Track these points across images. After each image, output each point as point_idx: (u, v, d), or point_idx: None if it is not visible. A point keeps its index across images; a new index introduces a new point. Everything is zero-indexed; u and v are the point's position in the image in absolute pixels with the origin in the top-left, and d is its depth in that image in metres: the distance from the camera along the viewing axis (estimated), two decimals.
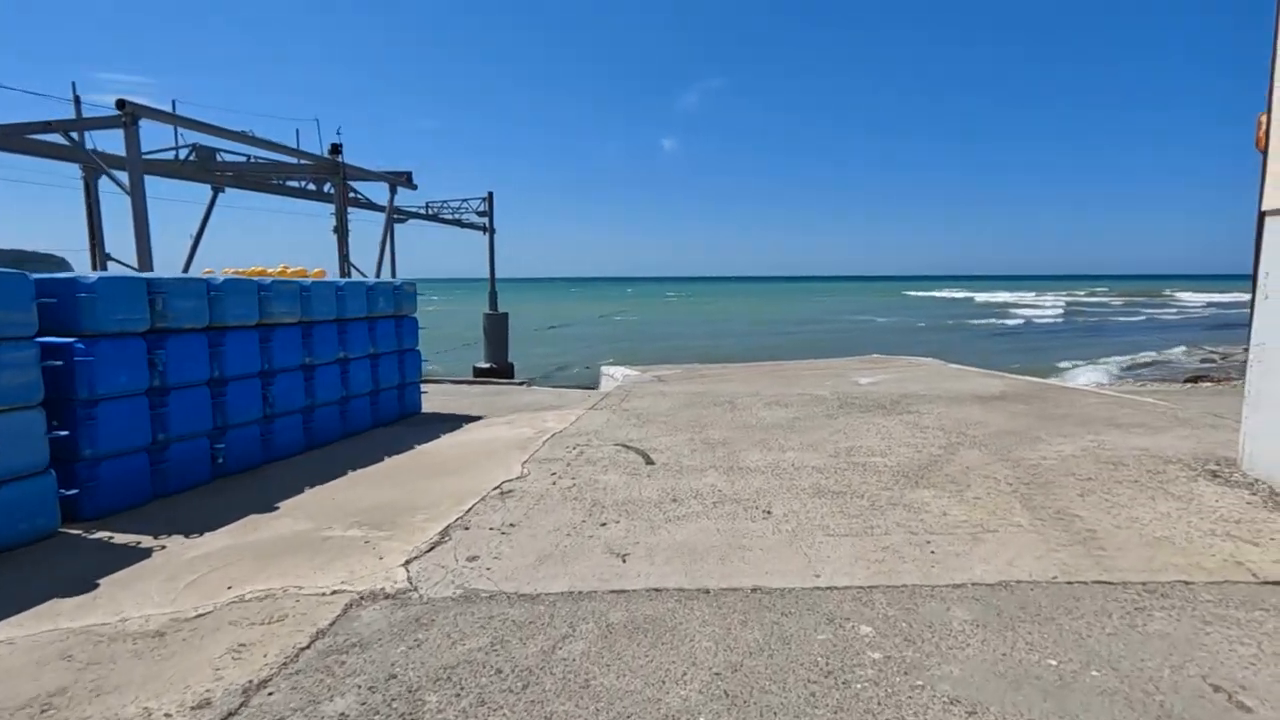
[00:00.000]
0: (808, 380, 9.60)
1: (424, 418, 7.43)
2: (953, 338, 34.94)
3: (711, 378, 10.05)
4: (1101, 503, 4.29)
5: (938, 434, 6.24)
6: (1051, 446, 5.74)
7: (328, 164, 16.25)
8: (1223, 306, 61.54)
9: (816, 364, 11.79)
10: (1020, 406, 7.48)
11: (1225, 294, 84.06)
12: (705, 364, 13.88)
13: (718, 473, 5.08)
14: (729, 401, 8.02)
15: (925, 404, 7.69)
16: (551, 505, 4.32)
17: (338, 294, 6.19)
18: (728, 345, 34.86)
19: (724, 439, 6.16)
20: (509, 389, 9.36)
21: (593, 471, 5.12)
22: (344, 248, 16.71)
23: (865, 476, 4.93)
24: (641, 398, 8.41)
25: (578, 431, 6.56)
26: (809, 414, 7.21)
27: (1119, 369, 22.90)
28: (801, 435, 6.26)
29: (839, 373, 10.26)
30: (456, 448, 5.98)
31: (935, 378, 9.62)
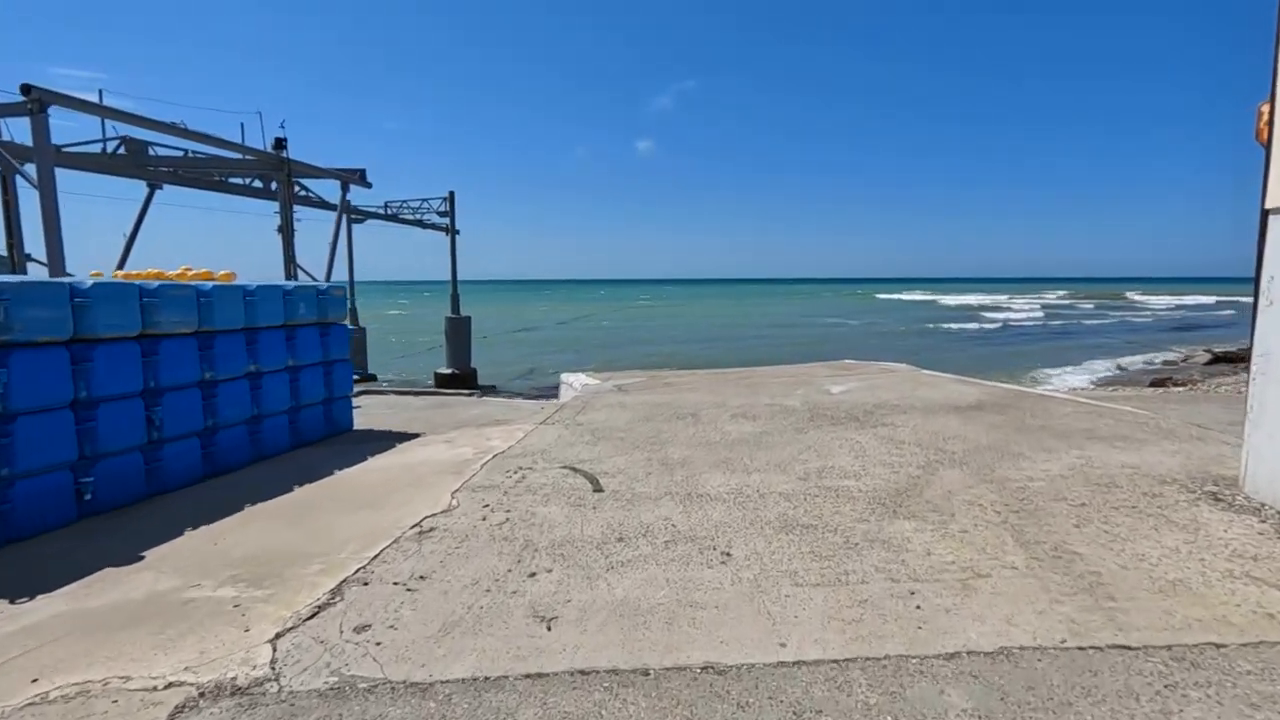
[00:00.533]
0: (777, 388, 9.09)
1: (355, 436, 6.71)
2: (923, 342, 35.06)
3: (676, 386, 9.48)
4: (1100, 535, 3.81)
5: (915, 450, 5.75)
6: (1036, 464, 5.29)
7: (271, 159, 15.30)
8: (1190, 309, 63.30)
9: (786, 370, 11.32)
10: (997, 417, 7.06)
11: (1187, 296, 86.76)
12: (672, 370, 13.32)
13: (674, 502, 4.49)
14: (692, 414, 7.45)
15: (900, 415, 7.22)
16: (476, 548, 3.68)
17: (247, 299, 5.45)
18: (696, 350, 34.45)
19: (684, 458, 5.58)
20: (456, 401, 8.67)
21: (531, 502, 4.48)
22: (290, 248, 15.80)
23: (838, 505, 4.39)
24: (599, 410, 7.79)
25: (523, 451, 5.92)
26: (778, 428, 6.68)
27: (1091, 372, 22.97)
28: (769, 453, 5.71)
29: (809, 380, 9.78)
30: (382, 473, 5.29)
31: (909, 385, 9.20)
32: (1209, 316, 54.37)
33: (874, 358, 14.87)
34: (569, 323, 55.87)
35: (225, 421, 5.23)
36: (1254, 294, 4.49)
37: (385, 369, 32.04)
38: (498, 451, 5.92)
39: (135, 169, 14.81)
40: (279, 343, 5.81)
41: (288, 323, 5.96)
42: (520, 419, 7.52)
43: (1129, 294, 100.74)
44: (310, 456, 5.81)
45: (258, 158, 15.14)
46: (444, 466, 5.44)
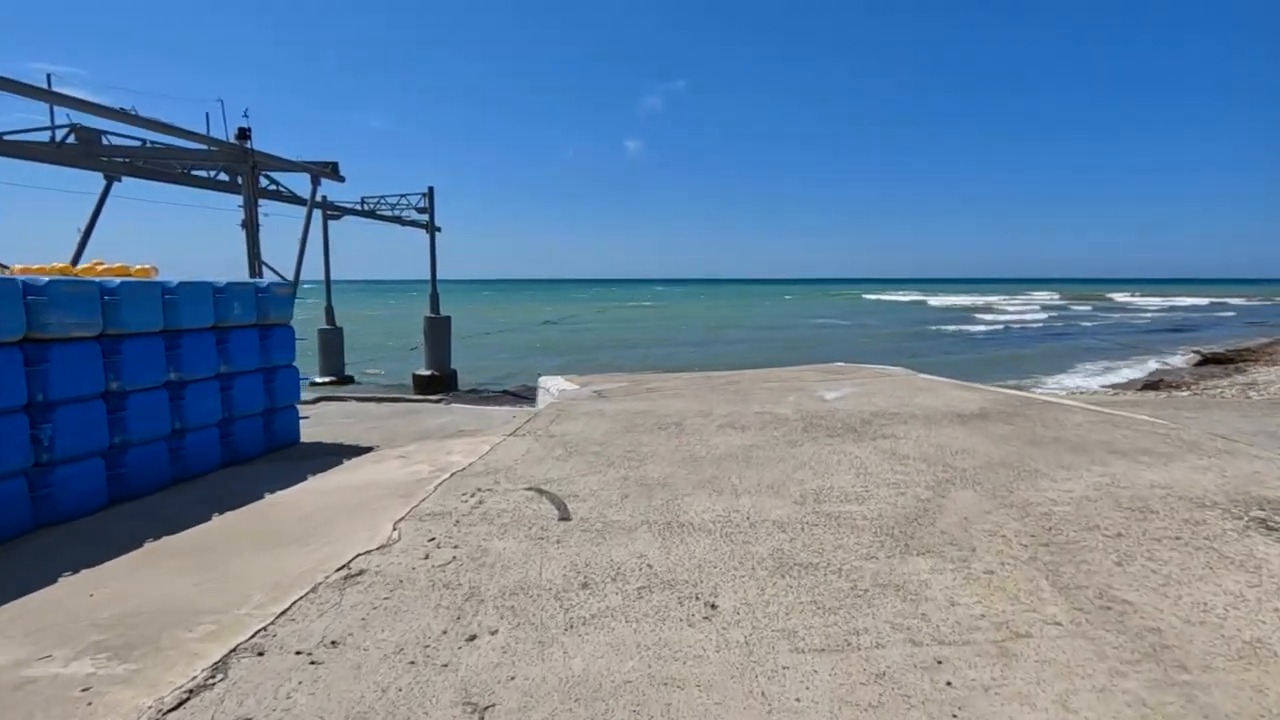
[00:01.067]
0: (767, 395, 8.51)
1: (301, 451, 6.04)
2: (915, 344, 34.72)
3: (659, 392, 8.87)
4: (1148, 576, 3.24)
5: (920, 466, 5.18)
6: (1057, 483, 4.74)
7: (234, 150, 14.48)
8: (1178, 311, 63.70)
9: (776, 374, 10.75)
10: (1004, 427, 6.52)
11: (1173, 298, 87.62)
12: (656, 373, 12.71)
13: (651, 533, 3.88)
14: (676, 424, 6.85)
15: (900, 425, 6.66)
16: (409, 599, 3.05)
17: (166, 298, 4.77)
18: (682, 352, 33.91)
19: (665, 478, 4.97)
20: (423, 408, 8.01)
21: (486, 534, 3.85)
22: (254, 245, 14.99)
23: (841, 536, 3.80)
24: (574, 419, 7.16)
25: (486, 469, 5.28)
26: (769, 440, 6.09)
27: (1084, 375, 22.66)
28: (760, 471, 5.11)
29: (801, 385, 9.21)
30: (320, 497, 4.64)
31: (906, 391, 8.65)
32: (1196, 318, 54.64)
33: (866, 360, 14.37)
34: (555, 323, 55.16)
35: (137, 438, 4.55)
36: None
37: (364, 370, 31.20)
38: (457, 469, 5.27)
39: (88, 159, 13.94)
40: (207, 347, 5.13)
41: (219, 324, 5.28)
42: (489, 429, 6.88)
43: (1113, 295, 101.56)
44: (242, 477, 5.14)
45: (219, 149, 14.33)
46: (393, 488, 4.79)
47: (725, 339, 38.43)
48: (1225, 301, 79.41)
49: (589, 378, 10.75)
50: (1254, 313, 60.70)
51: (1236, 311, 61.33)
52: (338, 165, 17.72)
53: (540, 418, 7.26)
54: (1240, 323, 47.51)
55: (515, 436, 6.43)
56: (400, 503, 4.44)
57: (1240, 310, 64.12)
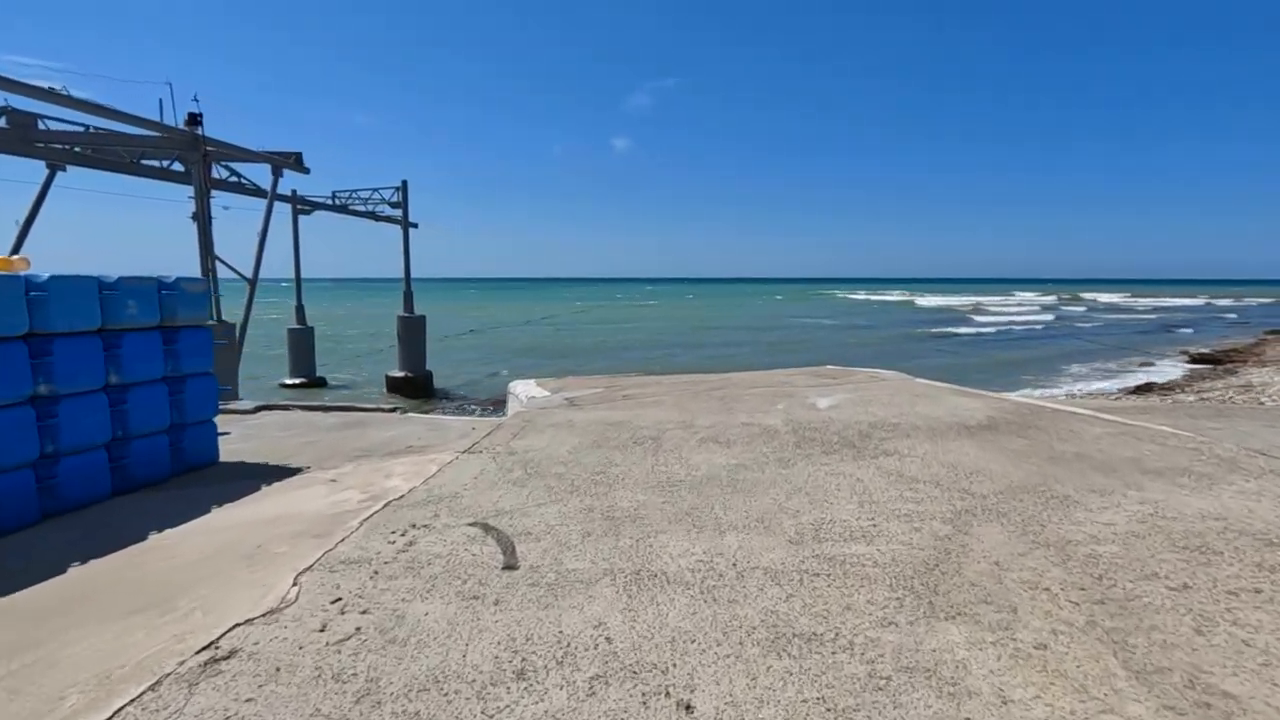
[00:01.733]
0: (754, 402, 7.80)
1: (216, 473, 5.20)
2: (906, 345, 34.24)
3: (637, 399, 8.12)
4: (1242, 651, 2.55)
5: (933, 492, 4.48)
6: (1093, 514, 4.06)
7: (183, 137, 13.47)
8: (1169, 311, 64.11)
9: (764, 378, 10.04)
10: (1018, 441, 5.86)
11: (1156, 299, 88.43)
12: (638, 375, 11.95)
13: (615, 587, 3.13)
14: (653, 438, 6.10)
15: (903, 439, 5.97)
16: (280, 701, 2.27)
17: (32, 296, 3.94)
18: (666, 354, 33.21)
19: (636, 508, 4.22)
20: (372, 419, 7.19)
21: (408, 591, 3.08)
22: (206, 239, 13.98)
23: (849, 591, 3.07)
24: (541, 432, 6.39)
25: (428, 496, 4.50)
26: (757, 458, 5.36)
27: (1077, 377, 22.25)
28: (748, 499, 4.38)
29: (790, 391, 8.51)
30: (213, 538, 3.82)
31: (904, 398, 7.98)
32: (1180, 318, 54.95)
33: (857, 362, 13.73)
34: (538, 322, 54.25)
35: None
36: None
37: (338, 372, 30.11)
38: (394, 496, 4.48)
39: (23, 145, 12.86)
40: (90, 354, 4.29)
41: (108, 327, 4.44)
42: (442, 444, 6.08)
43: (1095, 296, 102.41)
44: (130, 509, 4.30)
45: (168, 135, 13.29)
46: (309, 524, 3.99)
47: (712, 340, 37.78)
48: (1212, 303, 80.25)
49: (564, 381, 9.98)
50: (1234, 312, 61.35)
51: (1216, 311, 61.89)
52: (301, 156, 16.76)
53: (502, 431, 6.48)
54: (1223, 323, 47.79)
55: (470, 454, 5.64)
56: (312, 545, 3.65)
57: (1220, 310, 64.75)
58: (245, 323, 14.42)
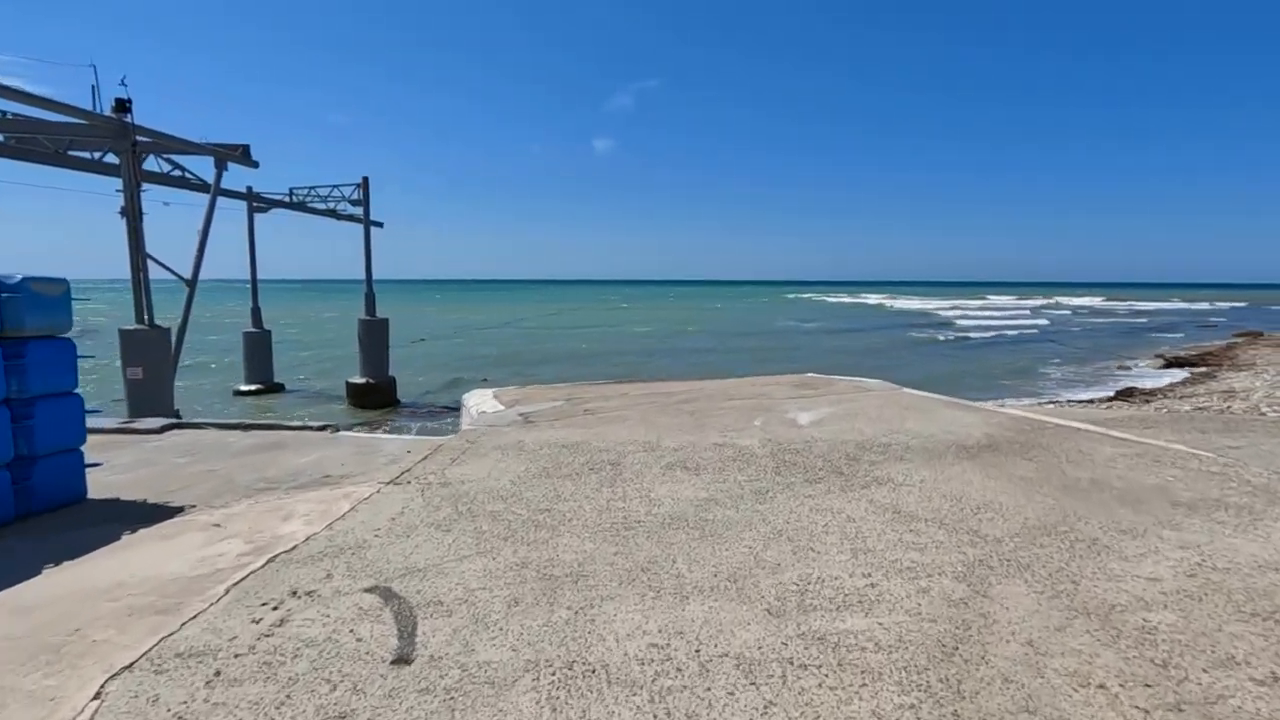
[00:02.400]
0: (729, 417, 7.05)
1: (75, 514, 4.27)
2: (887, 350, 33.89)
3: (600, 414, 7.33)
4: None
5: (937, 534, 3.76)
6: (1130, 563, 3.37)
7: (109, 125, 12.33)
8: (1138, 315, 65.04)
9: (739, 387, 9.31)
10: (1024, 465, 5.18)
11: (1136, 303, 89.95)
12: (606, 383, 11.16)
13: (537, 694, 2.33)
14: (613, 463, 5.31)
15: (895, 462, 5.26)
16: None
17: None
18: (640, 360, 32.47)
19: (580, 562, 3.43)
20: (294, 440, 6.29)
21: (250, 705, 2.25)
22: (136, 236, 12.82)
23: (849, 691, 2.31)
24: (484, 456, 5.57)
25: (327, 547, 3.66)
26: (730, 489, 4.60)
27: (1058, 382, 21.95)
28: (717, 547, 3.61)
29: (768, 404, 7.78)
30: (18, 617, 2.93)
31: (893, 411, 7.30)
32: (1150, 323, 55.70)
33: (838, 369, 13.09)
34: (512, 325, 53.23)
35: None
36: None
37: (300, 377, 28.82)
38: (285, 548, 3.63)
39: None
40: None
41: None
42: (366, 472, 5.22)
43: (1064, 299, 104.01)
44: None
45: (92, 123, 12.09)
46: (157, 593, 3.12)
47: (686, 345, 37.05)
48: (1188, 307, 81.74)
49: (524, 392, 9.16)
50: (1212, 315, 62.50)
51: (1184, 316, 62.94)
52: (249, 149, 15.64)
53: (439, 455, 5.63)
54: (1192, 325, 48.44)
55: (396, 485, 4.80)
56: (149, 627, 2.79)
57: (1187, 314, 65.90)
58: (183, 328, 13.31)
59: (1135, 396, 18.51)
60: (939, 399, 8.32)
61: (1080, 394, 20.37)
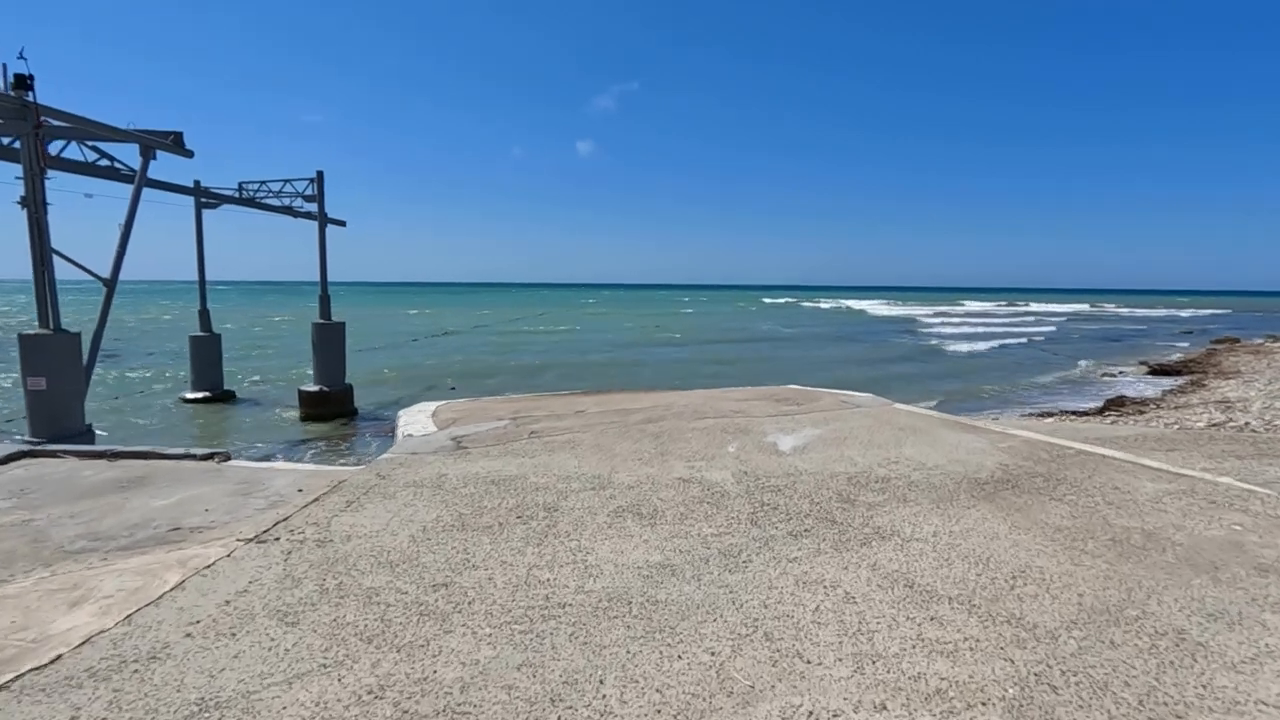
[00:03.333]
0: (698, 441, 6.02)
1: None
2: (873, 358, 33.13)
3: (549, 436, 6.25)
4: None
5: (969, 627, 2.75)
6: (1245, 679, 2.39)
7: (6, 104, 10.95)
8: (1110, 321, 65.39)
9: (715, 402, 8.29)
10: (1057, 508, 4.22)
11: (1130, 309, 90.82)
12: (564, 396, 10.07)
13: None
14: (549, 507, 4.24)
15: (899, 504, 4.26)
16: None
17: None
18: (605, 368, 31.41)
19: (465, 685, 2.35)
20: (164, 473, 5.13)
21: None
22: (38, 230, 11.40)
23: None
24: (390, 497, 4.46)
25: (102, 660, 2.54)
26: (691, 551, 3.55)
27: (1045, 389, 21.29)
28: (666, 653, 2.56)
29: (746, 424, 6.76)
30: None
31: (887, 433, 6.32)
32: (1127, 329, 56.00)
33: (820, 379, 12.14)
34: (488, 327, 51.97)
35: None
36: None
37: (253, 381, 27.26)
38: (41, 661, 2.51)
39: None
40: None
41: None
42: (234, 520, 4.09)
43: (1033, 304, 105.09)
44: None
45: None
46: None
47: (659, 354, 35.99)
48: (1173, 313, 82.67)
49: (471, 406, 8.05)
50: (1174, 322, 63.17)
51: (1153, 323, 63.50)
52: (181, 136, 14.28)
53: (334, 496, 4.51)
54: (1167, 332, 48.68)
55: (259, 544, 3.68)
56: None
57: (1160, 320, 66.58)
58: (99, 334, 11.95)
59: (1126, 406, 17.86)
60: (936, 417, 7.37)
61: (1068, 402, 19.73)
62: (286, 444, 17.43)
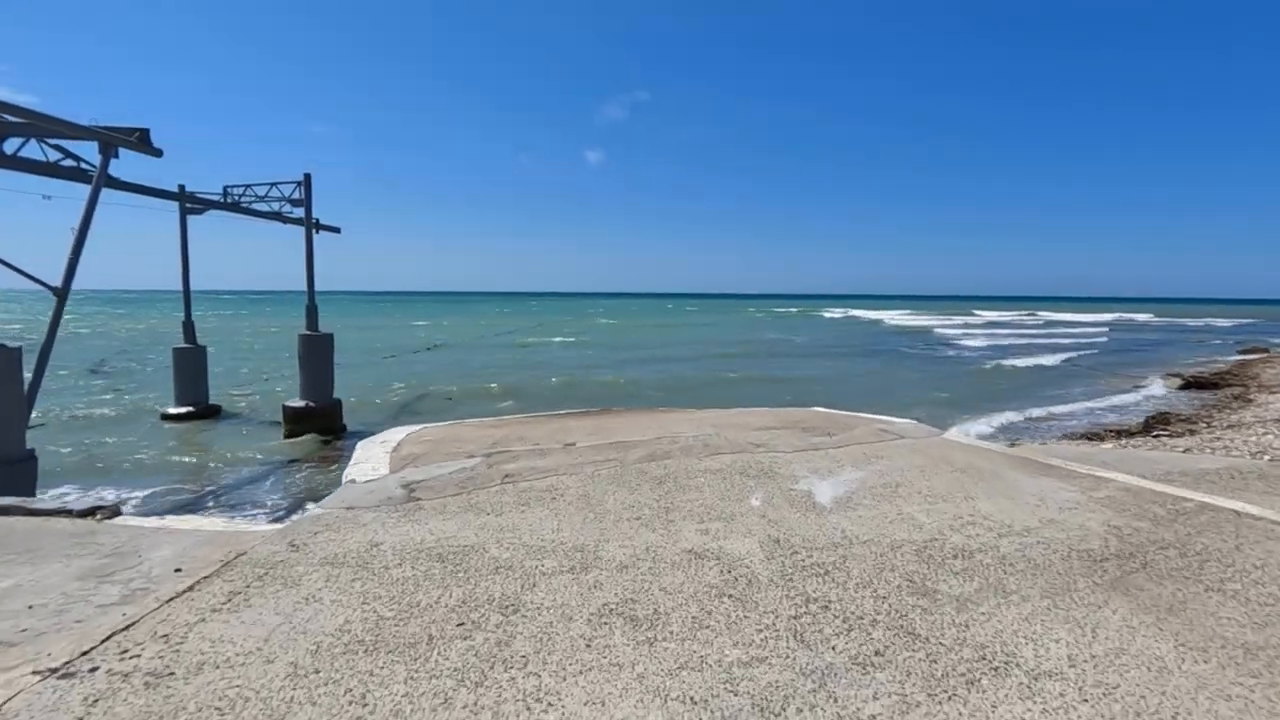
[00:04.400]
0: (712, 488, 4.79)
1: None
2: (898, 373, 31.64)
3: (525, 480, 5.03)
4: None
5: None
6: None
7: None
8: (1126, 330, 63.83)
9: (727, 428, 7.04)
10: (1230, 611, 2.96)
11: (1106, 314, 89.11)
12: (556, 415, 8.87)
13: None
14: (506, 606, 3.02)
15: (997, 600, 3.02)
16: None
17: None
18: (610, 374, 30.22)
19: None
20: (13, 540, 3.93)
21: None
22: None
23: None
24: (293, 585, 3.25)
25: None
26: (710, 701, 2.32)
27: (1085, 412, 19.89)
28: None
29: (769, 462, 5.53)
30: None
31: (945, 475, 5.08)
32: (1147, 338, 54.46)
33: (848, 401, 10.89)
34: (494, 336, 50.99)
35: None
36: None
37: (240, 397, 26.16)
38: None
39: None
40: None
41: None
42: (57, 629, 2.90)
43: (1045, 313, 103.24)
44: None
45: None
46: None
47: (669, 369, 34.73)
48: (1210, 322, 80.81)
49: (444, 433, 6.86)
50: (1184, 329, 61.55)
51: (1168, 331, 61.83)
52: (148, 133, 13.21)
53: (213, 584, 3.30)
54: (1188, 344, 47.16)
55: (56, 680, 2.47)
56: None
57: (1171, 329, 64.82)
58: (48, 345, 10.86)
59: (1173, 424, 16.45)
60: (997, 452, 6.10)
61: (1106, 418, 18.35)
62: (256, 467, 16.21)
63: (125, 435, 19.31)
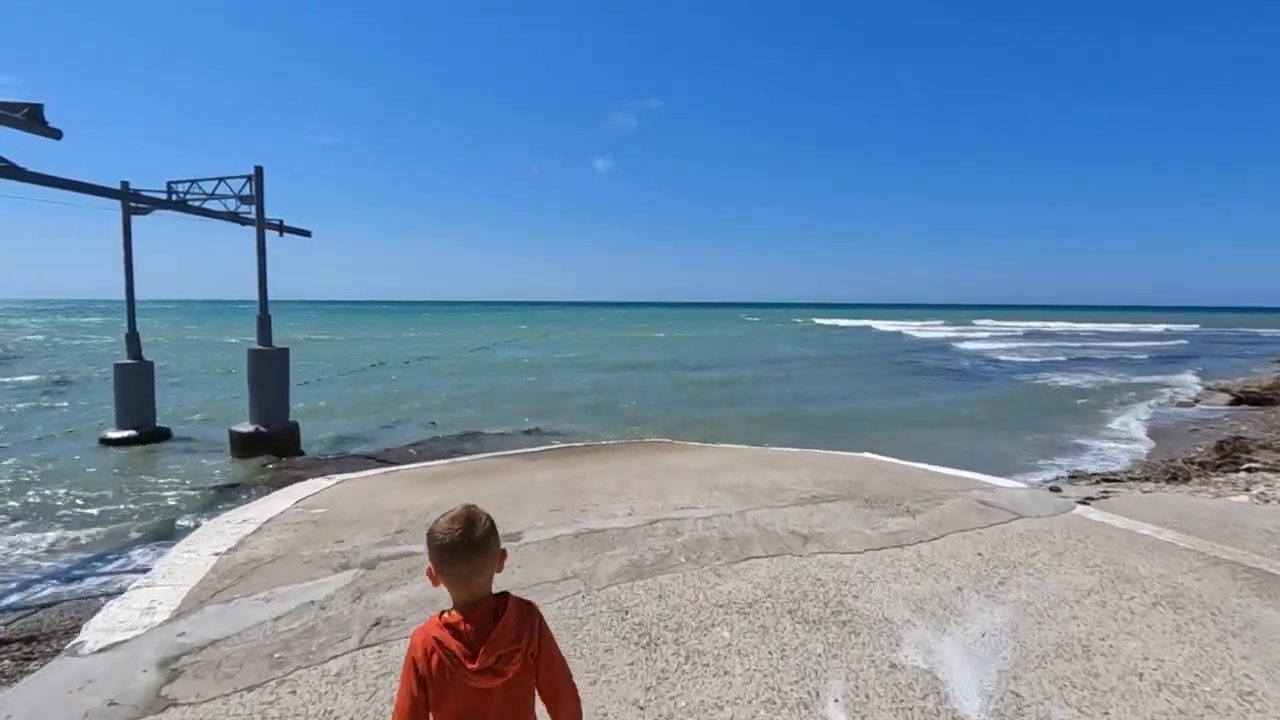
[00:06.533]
0: (740, 663, 2.55)
1: None
2: (921, 393, 29.08)
3: (405, 633, 2.80)
4: None
5: None
6: None
7: None
8: (1148, 339, 61.69)
9: (751, 500, 4.79)
10: None
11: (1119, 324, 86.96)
12: (513, 455, 6.63)
13: None
14: None
15: None
16: None
17: None
18: (612, 387, 27.93)
19: None
20: None
21: None
22: None
23: None
24: None
25: None
26: None
27: (1126, 433, 17.49)
28: None
29: (830, 585, 3.29)
30: None
31: (1148, 613, 2.84)
32: (1171, 347, 52.27)
33: (859, 425, 8.64)
34: (488, 349, 48.79)
35: None
36: None
37: (192, 417, 23.87)
38: None
39: None
40: None
41: None
42: None
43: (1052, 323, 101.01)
44: None
45: None
46: None
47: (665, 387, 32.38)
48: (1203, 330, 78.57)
49: (352, 492, 4.64)
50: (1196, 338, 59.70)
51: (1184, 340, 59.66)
52: (41, 109, 11.04)
53: None
54: (1215, 354, 44.93)
55: None
56: None
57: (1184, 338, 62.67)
58: None
59: (1254, 453, 14.12)
60: (1193, 550, 3.83)
61: (1173, 445, 16.00)
62: (176, 508, 13.85)
63: (53, 462, 16.95)
